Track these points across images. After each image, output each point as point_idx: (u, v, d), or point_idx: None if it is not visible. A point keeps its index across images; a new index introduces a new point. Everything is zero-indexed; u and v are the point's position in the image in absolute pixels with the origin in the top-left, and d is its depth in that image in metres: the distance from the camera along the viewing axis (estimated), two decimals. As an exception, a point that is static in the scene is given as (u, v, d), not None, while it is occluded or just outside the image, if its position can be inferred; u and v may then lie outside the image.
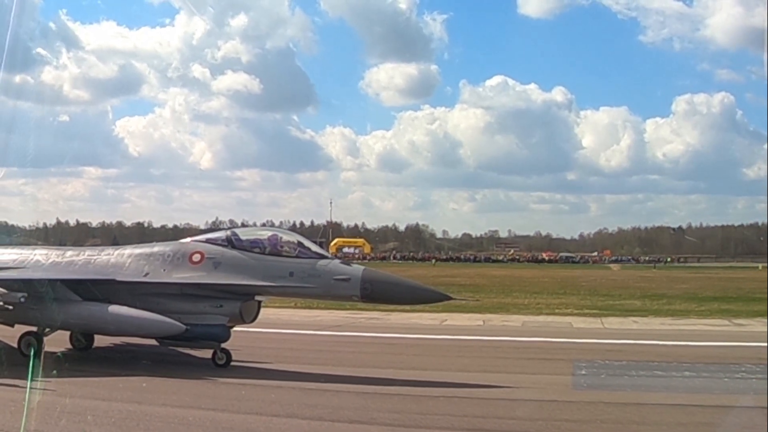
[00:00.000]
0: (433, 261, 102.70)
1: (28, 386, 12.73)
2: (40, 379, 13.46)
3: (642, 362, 18.22)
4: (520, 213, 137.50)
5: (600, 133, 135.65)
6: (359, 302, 17.99)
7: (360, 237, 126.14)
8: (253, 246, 17.57)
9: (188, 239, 18.79)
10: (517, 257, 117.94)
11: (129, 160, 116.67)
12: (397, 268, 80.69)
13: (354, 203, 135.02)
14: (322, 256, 17.39)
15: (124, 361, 18.13)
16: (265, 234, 18.23)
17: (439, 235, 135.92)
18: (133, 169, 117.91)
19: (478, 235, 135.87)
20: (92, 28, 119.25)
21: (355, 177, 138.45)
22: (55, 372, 14.01)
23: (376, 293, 16.76)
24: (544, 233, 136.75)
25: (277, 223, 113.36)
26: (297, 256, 17.24)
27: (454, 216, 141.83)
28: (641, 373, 17.12)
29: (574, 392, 14.71)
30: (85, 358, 18.16)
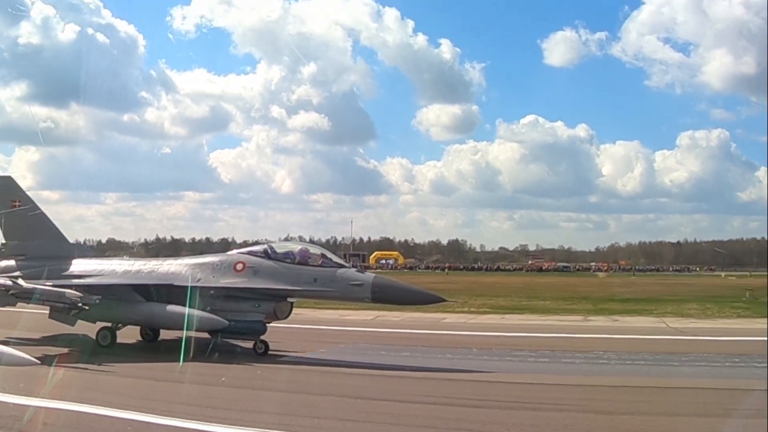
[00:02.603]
0: (446, 270, 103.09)
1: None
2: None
3: (406, 346, 20.05)
4: (551, 230, 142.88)
5: (617, 162, 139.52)
6: (370, 303, 18.69)
7: (411, 251, 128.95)
8: (286, 257, 18.49)
9: (234, 251, 19.80)
10: (523, 267, 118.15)
11: (221, 185, 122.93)
12: (418, 275, 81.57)
13: (411, 222, 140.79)
14: (341, 266, 18.35)
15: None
16: (296, 247, 19.15)
17: (478, 248, 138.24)
18: (225, 193, 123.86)
19: (512, 248, 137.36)
20: (186, 75, 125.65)
21: (412, 200, 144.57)
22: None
23: (384, 296, 17.61)
24: (566, 247, 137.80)
25: (340, 238, 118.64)
26: (321, 266, 18.12)
27: (495, 232, 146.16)
28: (382, 353, 18.80)
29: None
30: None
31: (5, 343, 12.77)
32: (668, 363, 17.73)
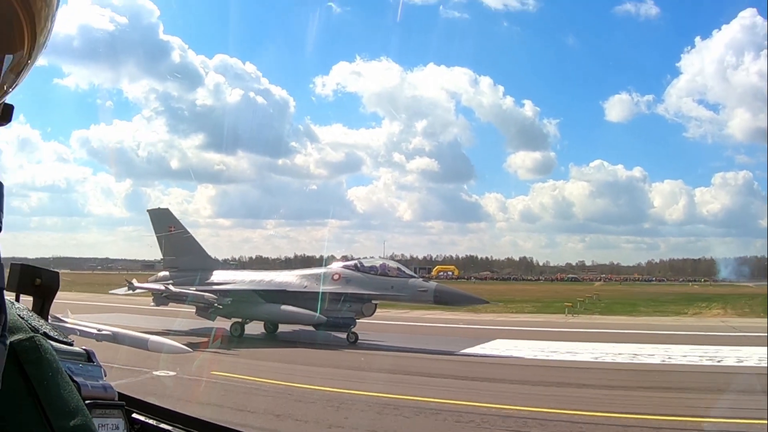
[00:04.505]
0: (473, 280, 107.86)
1: None
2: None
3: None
4: (614, 250, 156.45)
5: (665, 197, 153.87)
6: (432, 305, 21.16)
7: (489, 265, 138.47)
8: (370, 270, 21.18)
9: (333, 265, 22.45)
10: (541, 277, 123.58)
11: (357, 215, 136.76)
12: (455, 283, 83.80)
13: (505, 244, 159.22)
14: (412, 276, 21.11)
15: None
16: (378, 262, 21.81)
17: (543, 264, 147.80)
18: (360, 220, 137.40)
19: (574, 263, 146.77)
20: (326, 128, 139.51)
21: (505, 226, 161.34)
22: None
23: (443, 299, 20.26)
24: (615, 262, 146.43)
25: (435, 255, 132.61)
26: (396, 276, 20.82)
27: (570, 252, 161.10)
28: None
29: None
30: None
31: (164, 335, 15.10)
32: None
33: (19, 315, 0.91)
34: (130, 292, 23.22)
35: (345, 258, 23.88)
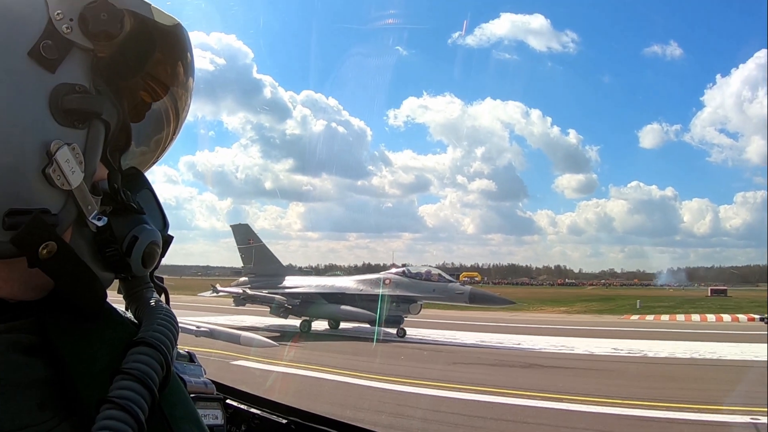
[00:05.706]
0: (480, 283, 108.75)
1: None
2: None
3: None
4: (649, 259, 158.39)
5: (693, 213, 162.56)
6: (467, 305, 22.90)
7: (531, 273, 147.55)
8: (416, 276, 23.31)
9: (387, 272, 24.42)
10: (549, 282, 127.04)
11: (427, 228, 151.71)
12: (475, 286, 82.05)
13: (555, 254, 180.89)
14: (450, 281, 23.39)
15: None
16: (423, 269, 23.92)
17: (576, 270, 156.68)
18: (430, 234, 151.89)
19: (606, 270, 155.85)
20: (398, 154, 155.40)
21: (555, 239, 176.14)
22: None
23: (477, 300, 22.36)
24: (642, 270, 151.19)
25: (481, 263, 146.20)
26: (437, 281, 23.04)
27: (612, 261, 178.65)
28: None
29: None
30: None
31: (253, 331, 16.88)
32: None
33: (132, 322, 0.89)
34: (215, 294, 25.80)
35: (404, 266, 25.58)
